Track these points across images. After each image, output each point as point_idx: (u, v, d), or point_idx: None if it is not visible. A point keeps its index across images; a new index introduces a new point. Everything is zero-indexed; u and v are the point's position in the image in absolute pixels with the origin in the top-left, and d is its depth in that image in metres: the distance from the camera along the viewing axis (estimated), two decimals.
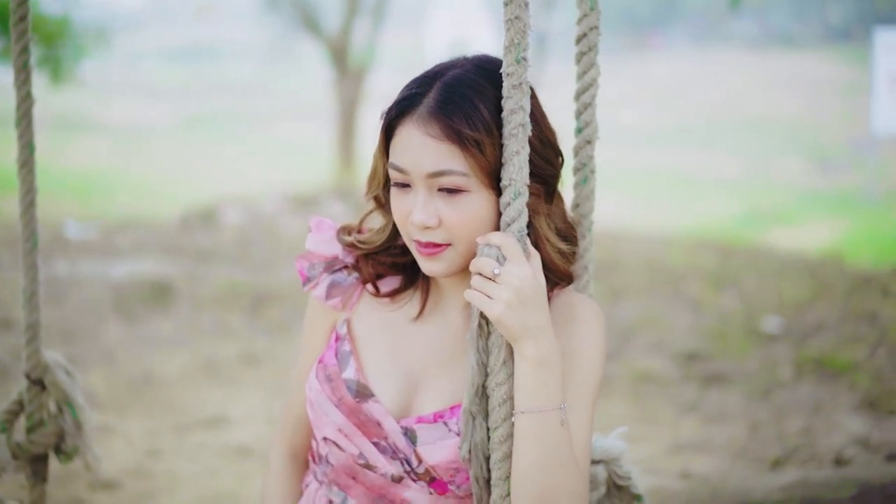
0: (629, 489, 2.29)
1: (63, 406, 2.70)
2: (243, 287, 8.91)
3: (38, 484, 2.76)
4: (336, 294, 2.17)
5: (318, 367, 2.13)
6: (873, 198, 16.05)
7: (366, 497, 2.11)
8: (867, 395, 6.10)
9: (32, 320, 2.67)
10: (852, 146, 20.48)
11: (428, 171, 1.91)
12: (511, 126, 1.89)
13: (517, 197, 1.90)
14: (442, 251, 1.96)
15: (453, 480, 2.03)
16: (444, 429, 2.02)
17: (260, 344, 7.41)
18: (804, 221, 14.20)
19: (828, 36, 36.53)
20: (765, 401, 6.17)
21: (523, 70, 1.89)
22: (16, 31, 2.63)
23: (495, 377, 1.93)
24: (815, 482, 3.68)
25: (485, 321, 1.94)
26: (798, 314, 8.22)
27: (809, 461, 5.02)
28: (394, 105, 1.98)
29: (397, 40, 26.80)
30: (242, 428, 5.84)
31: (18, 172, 2.67)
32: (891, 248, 11.88)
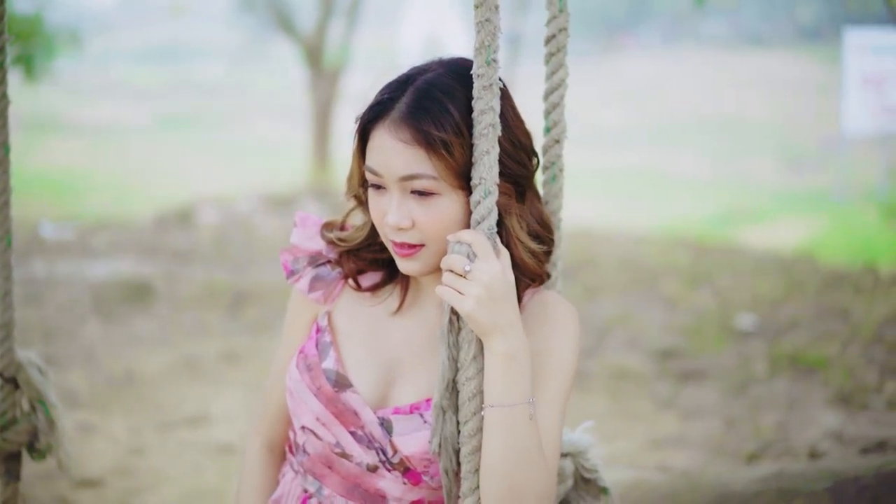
0: (596, 482, 2.34)
1: (36, 404, 2.71)
2: (222, 286, 8.93)
3: (10, 482, 2.76)
4: (319, 287, 2.23)
5: (298, 357, 2.18)
6: (843, 197, 16.18)
7: (341, 486, 2.15)
8: (840, 390, 6.19)
9: (5, 319, 2.68)
10: (822, 146, 20.62)
11: (399, 175, 1.96)
12: (481, 126, 1.93)
13: (487, 196, 1.94)
14: (417, 251, 2.01)
15: (427, 471, 2.09)
16: (419, 420, 2.07)
17: (240, 343, 7.45)
18: (775, 220, 14.31)
19: (797, 36, 36.75)
20: (740, 396, 6.26)
21: (493, 71, 1.93)
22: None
23: (465, 372, 1.98)
24: (791, 474, 3.75)
25: (455, 317, 1.98)
26: (772, 312, 8.32)
27: (784, 455, 5.11)
28: (367, 110, 2.03)
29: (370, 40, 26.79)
30: (224, 426, 5.88)
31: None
32: (861, 247, 12.01)
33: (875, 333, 7.42)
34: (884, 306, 8.34)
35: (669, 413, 6.00)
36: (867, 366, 6.67)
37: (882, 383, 6.25)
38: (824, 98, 23.39)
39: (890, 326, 7.63)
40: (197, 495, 5.02)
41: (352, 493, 2.15)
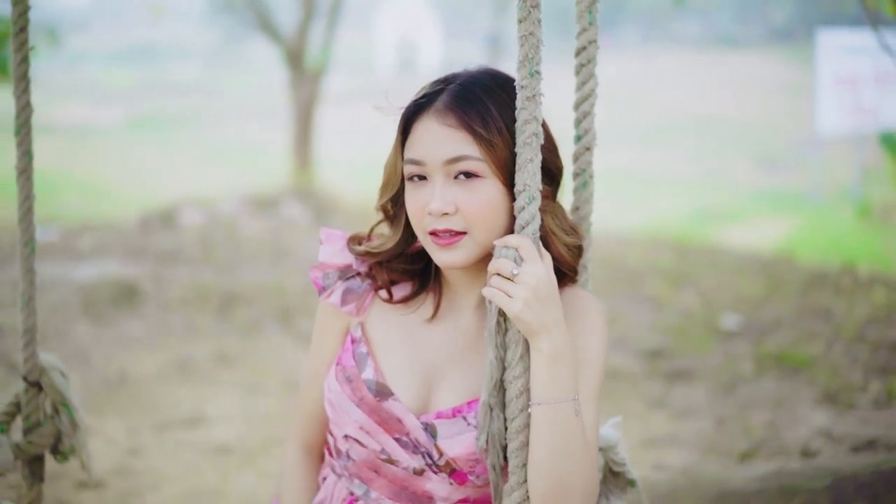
0: (624, 475, 2.44)
1: (59, 407, 2.77)
2: (210, 288, 8.96)
3: (35, 484, 2.83)
4: (351, 300, 2.29)
5: (336, 370, 2.26)
6: (818, 197, 16.33)
7: (388, 489, 2.23)
8: (826, 389, 6.29)
9: (30, 324, 2.75)
10: (796, 146, 20.77)
11: (446, 158, 2.06)
12: (525, 135, 2.03)
13: (531, 202, 2.03)
14: (459, 240, 2.08)
15: (473, 471, 2.16)
16: (462, 423, 2.15)
17: (232, 344, 7.49)
18: (751, 220, 14.44)
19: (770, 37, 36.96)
20: (729, 396, 6.35)
21: (536, 83, 2.03)
22: (16, 42, 2.73)
23: (512, 371, 2.06)
24: (790, 473, 3.84)
25: (503, 318, 2.06)
26: (755, 311, 8.43)
27: (777, 454, 5.20)
28: (410, 105, 2.15)
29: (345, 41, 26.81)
30: (221, 427, 5.93)
31: (17, 179, 2.76)
32: (837, 247, 12.14)
33: (858, 333, 7.53)
34: (864, 306, 8.45)
35: (661, 412, 6.09)
36: (851, 365, 6.77)
37: (867, 382, 6.35)
38: (797, 99, 23.58)
39: (872, 326, 7.75)
40: (197, 495, 5.06)
41: (399, 496, 2.22)
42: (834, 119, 16.35)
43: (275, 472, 5.33)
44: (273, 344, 7.57)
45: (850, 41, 16.75)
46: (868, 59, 16.01)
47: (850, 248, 12.04)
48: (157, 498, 5.02)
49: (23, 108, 2.75)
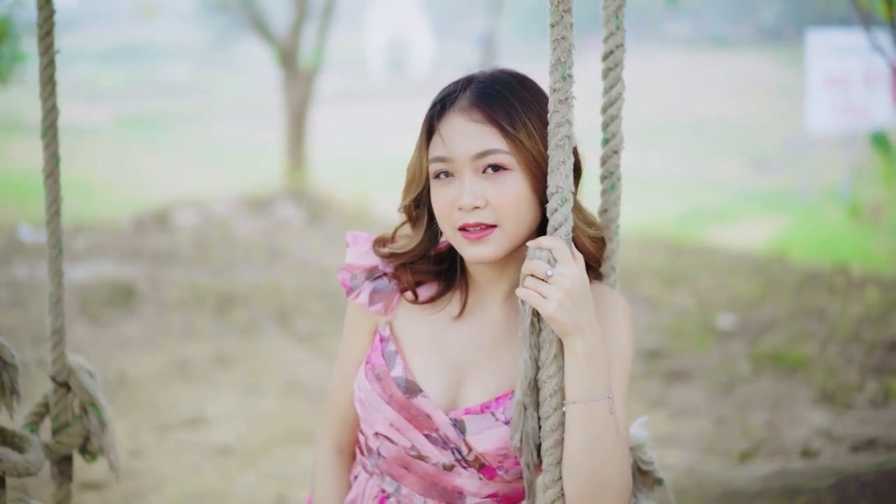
0: (653, 474, 2.47)
1: (88, 407, 2.80)
2: (206, 289, 8.97)
3: (64, 483, 2.83)
4: (378, 300, 2.31)
5: (366, 368, 2.28)
6: (808, 197, 16.37)
7: (418, 485, 2.26)
8: (823, 389, 6.33)
9: (58, 325, 2.76)
10: (786, 146, 20.82)
11: (474, 153, 2.10)
12: (557, 138, 2.05)
13: (563, 203, 2.06)
14: (490, 233, 2.11)
15: (502, 466, 2.19)
16: (491, 418, 2.18)
17: (230, 345, 7.50)
18: (742, 220, 14.48)
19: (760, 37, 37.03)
20: (727, 396, 6.38)
21: (569, 86, 2.05)
22: (42, 45, 2.75)
23: (546, 370, 2.08)
24: (793, 472, 3.87)
25: (536, 319, 2.08)
26: (750, 311, 8.46)
27: (776, 453, 5.24)
28: (434, 105, 2.18)
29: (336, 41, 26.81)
30: (222, 428, 5.94)
31: (45, 182, 2.77)
32: (828, 247, 12.19)
33: (852, 333, 7.58)
34: (858, 306, 8.50)
35: (660, 412, 6.12)
36: (847, 365, 6.81)
37: (863, 382, 6.40)
38: (788, 98, 23.64)
39: (866, 326, 7.79)
40: (199, 496, 5.08)
41: (430, 492, 2.25)
42: (824, 119, 16.39)
43: (276, 473, 5.35)
44: (271, 344, 7.59)
45: (839, 41, 16.80)
46: (858, 59, 16.07)
47: (841, 247, 12.08)
48: (160, 498, 5.04)
49: (49, 111, 2.76)
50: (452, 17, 42.51)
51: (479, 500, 2.25)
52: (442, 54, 36.32)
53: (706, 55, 35.12)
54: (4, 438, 2.64)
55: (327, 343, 7.62)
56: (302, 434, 5.85)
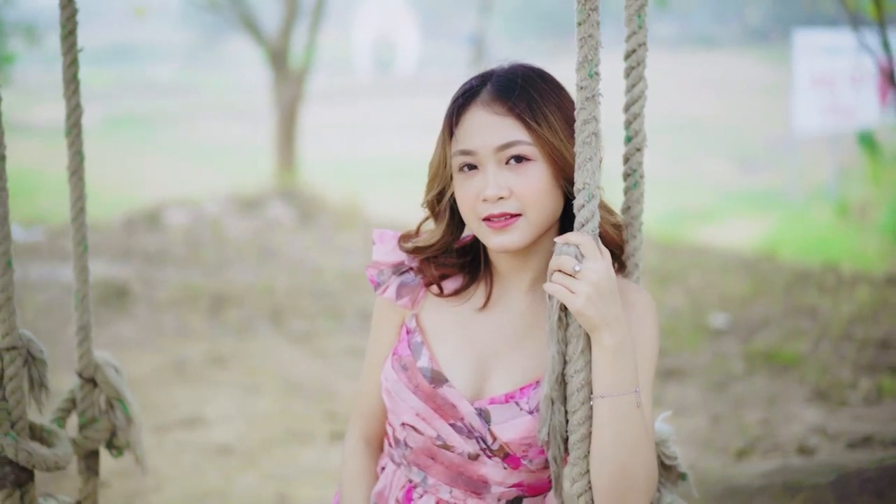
0: (676, 468, 2.49)
1: (114, 402, 2.84)
2: (199, 289, 8.98)
3: (91, 478, 2.90)
4: (405, 294, 2.36)
5: (392, 359, 2.33)
6: (796, 196, 16.44)
7: (444, 475, 2.30)
8: (817, 387, 6.38)
9: (84, 321, 2.82)
10: (773, 146, 20.88)
11: (497, 145, 2.15)
12: (584, 135, 2.09)
13: (590, 200, 2.09)
14: (514, 222, 2.16)
15: (526, 455, 2.23)
16: (515, 408, 2.22)
17: (225, 345, 7.52)
18: (729, 220, 14.54)
19: (747, 37, 37.12)
20: (721, 394, 6.42)
21: (595, 83, 2.09)
22: (65, 45, 2.78)
23: (574, 365, 2.11)
24: (794, 469, 3.90)
25: (564, 314, 2.11)
26: (742, 310, 8.51)
27: (773, 451, 5.28)
28: (455, 100, 2.23)
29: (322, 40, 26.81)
30: (221, 427, 5.96)
31: (69, 179, 2.82)
32: (816, 246, 12.26)
33: (844, 331, 7.63)
34: (849, 304, 8.55)
35: (656, 411, 6.14)
36: (840, 363, 6.86)
37: (856, 380, 6.45)
38: (774, 98, 23.68)
39: (857, 324, 7.84)
40: (200, 495, 5.10)
41: (455, 481, 2.29)
42: (811, 119, 16.46)
43: (276, 472, 5.37)
44: (266, 344, 7.60)
45: (826, 41, 16.86)
46: (845, 59, 16.13)
47: (830, 247, 12.14)
48: (161, 498, 5.06)
49: (73, 110, 2.81)
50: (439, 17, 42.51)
51: (503, 490, 2.29)
52: (429, 54, 36.33)
53: (693, 55, 35.16)
54: (33, 433, 2.68)
55: (322, 343, 7.65)
56: (301, 434, 5.87)
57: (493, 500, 2.30)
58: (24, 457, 2.55)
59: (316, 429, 5.96)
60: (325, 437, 5.84)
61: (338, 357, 7.35)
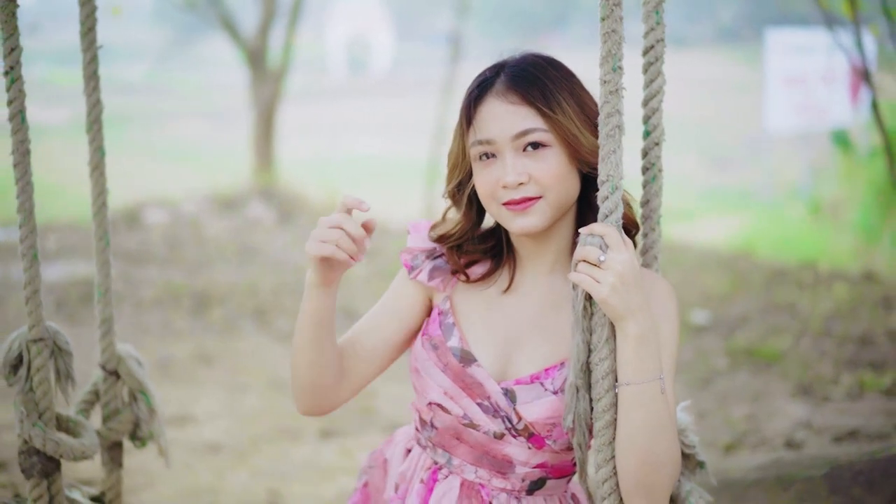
0: (695, 457, 2.53)
1: (137, 394, 2.88)
2: (182, 288, 8.98)
3: (114, 469, 2.97)
4: (437, 276, 2.42)
5: (423, 339, 2.39)
6: (769, 195, 16.55)
7: (470, 455, 2.34)
8: (800, 382, 6.44)
9: (107, 314, 2.88)
10: (746, 144, 21.01)
11: (514, 133, 2.23)
12: (608, 128, 2.16)
13: (614, 191, 2.16)
14: (534, 203, 2.23)
15: (550, 435, 2.28)
16: (540, 388, 2.28)
17: (210, 344, 7.52)
18: (704, 218, 14.63)
19: (719, 36, 37.32)
20: (705, 390, 6.48)
21: (619, 77, 2.16)
22: (85, 41, 2.81)
23: (599, 353, 2.15)
24: (787, 462, 3.95)
25: (589, 303, 2.16)
26: (722, 307, 8.58)
27: (760, 445, 5.33)
28: (470, 92, 2.31)
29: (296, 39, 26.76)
30: (209, 426, 5.97)
31: (91, 175, 2.86)
32: (789, 244, 12.37)
33: (823, 328, 7.71)
34: (827, 301, 8.64)
35: None
36: (821, 359, 6.93)
37: (838, 375, 6.52)
38: (747, 97, 23.80)
39: (836, 321, 7.93)
40: (193, 493, 5.10)
41: (480, 461, 2.34)
42: (783, 118, 16.58)
43: (267, 470, 5.39)
44: (252, 343, 7.62)
45: (798, 41, 16.98)
46: (816, 59, 16.25)
47: (804, 245, 12.25)
48: (153, 496, 5.06)
49: (94, 106, 2.84)
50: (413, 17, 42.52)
51: (528, 470, 2.33)
52: (402, 54, 36.33)
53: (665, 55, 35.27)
54: (59, 424, 2.72)
55: None
56: (290, 431, 5.89)
57: (518, 481, 2.34)
58: (51, 447, 2.60)
59: (305, 427, 5.97)
60: (315, 435, 5.86)
61: None
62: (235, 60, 15.39)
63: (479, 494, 2.35)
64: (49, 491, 2.63)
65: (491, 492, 2.35)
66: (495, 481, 2.34)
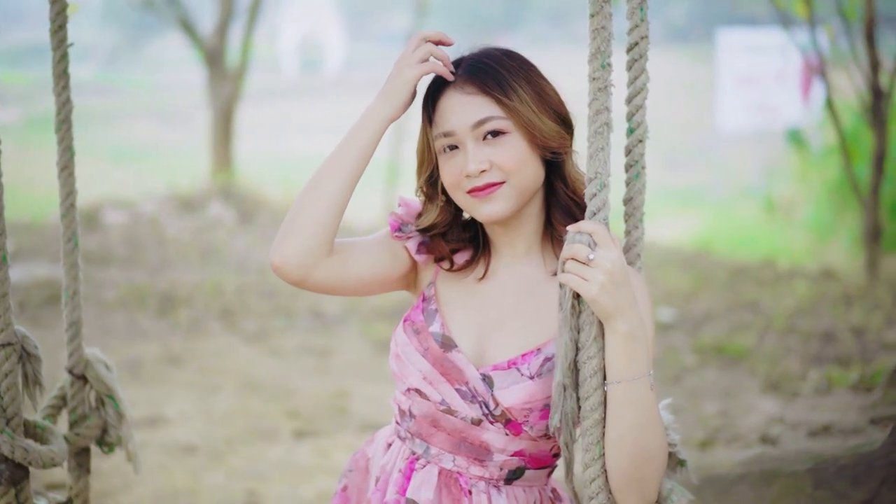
0: (676, 455, 2.53)
1: (105, 399, 2.81)
2: (146, 289, 8.92)
3: (82, 476, 2.88)
4: (424, 252, 2.43)
5: (404, 325, 2.39)
6: (722, 194, 16.69)
7: (447, 442, 2.33)
8: (767, 378, 6.51)
9: (75, 317, 2.82)
10: (699, 144, 21.18)
11: (473, 122, 2.26)
12: (596, 125, 2.14)
13: (602, 189, 2.13)
14: (498, 188, 2.25)
15: (527, 421, 2.27)
16: (516, 374, 2.27)
17: (177, 345, 7.48)
18: (659, 217, 14.70)
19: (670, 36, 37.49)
20: (676, 386, 6.52)
21: (608, 74, 2.13)
22: (55, 39, 2.75)
23: (587, 351, 2.12)
24: (772, 457, 3.98)
25: (577, 301, 2.13)
26: (686, 304, 8.65)
27: (734, 441, 5.37)
28: (430, 86, 2.35)
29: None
30: (182, 427, 5.94)
31: (59, 175, 2.78)
32: (744, 242, 12.50)
33: (787, 324, 7.80)
34: (788, 298, 8.75)
35: None
36: (787, 355, 7.01)
37: (805, 371, 6.60)
38: (698, 97, 23.99)
39: (799, 318, 8.03)
40: (170, 494, 5.07)
41: (458, 449, 2.33)
42: (735, 117, 16.75)
43: (244, 470, 5.37)
44: (219, 344, 7.58)
45: (749, 40, 17.16)
46: (768, 58, 16.42)
47: (758, 243, 12.39)
48: (130, 498, 5.02)
49: (63, 105, 2.78)
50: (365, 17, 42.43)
51: (505, 458, 2.32)
52: (355, 54, 36.24)
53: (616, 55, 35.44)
54: (27, 430, 2.64)
55: (277, 341, 7.66)
56: (265, 432, 5.87)
57: (496, 469, 2.33)
58: (20, 454, 2.53)
59: (279, 427, 5.96)
60: (290, 435, 5.84)
61: (294, 355, 7.36)
62: (187, 61, 15.33)
63: (458, 483, 2.34)
64: (17, 499, 2.57)
65: (469, 480, 2.33)
66: (473, 469, 2.33)
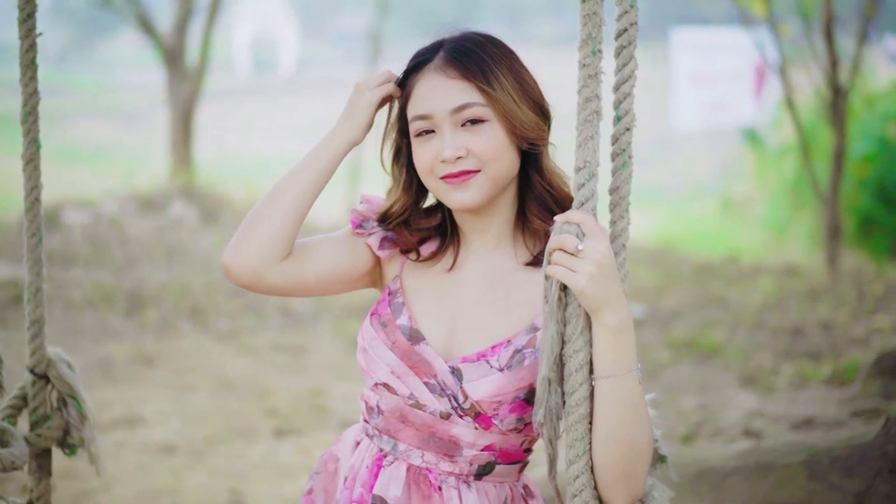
0: (657, 451, 2.49)
1: (67, 399, 2.71)
2: (113, 289, 8.82)
3: (43, 478, 2.78)
4: (387, 247, 2.38)
5: (371, 319, 2.35)
6: (679, 193, 16.77)
7: (416, 438, 2.28)
8: (742, 373, 6.56)
9: (37, 315, 2.71)
10: (654, 143, 21.30)
11: (452, 107, 2.22)
12: (586, 113, 2.06)
13: (591, 178, 2.06)
14: (472, 177, 2.21)
15: (497, 414, 2.21)
16: (486, 366, 2.22)
17: (148, 344, 7.41)
18: None
19: None
20: (652, 382, 6.52)
21: (598, 61, 2.06)
22: (23, 28, 2.66)
23: (573, 345, 2.04)
24: (766, 449, 3.99)
25: (564, 293, 2.05)
26: (655, 300, 8.69)
27: (716, 435, 5.39)
28: (409, 65, 2.31)
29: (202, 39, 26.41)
30: (159, 427, 5.88)
31: (24, 168, 2.67)
32: (703, 240, 12.59)
33: (756, 320, 7.87)
34: (755, 294, 8.82)
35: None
36: (758, 350, 7.07)
37: (778, 366, 6.65)
38: (653, 96, 24.04)
39: (767, 313, 8.10)
40: (152, 495, 5.03)
41: (427, 444, 2.27)
42: (690, 116, 16.85)
43: (226, 469, 5.33)
44: (190, 343, 7.52)
45: (703, 39, 17.29)
46: (721, 57, 16.56)
47: (715, 241, 12.48)
48: (110, 498, 4.97)
49: (30, 96, 2.66)
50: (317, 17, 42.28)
51: (475, 453, 2.26)
52: (308, 53, 36.12)
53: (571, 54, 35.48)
54: None
55: (249, 340, 7.61)
56: (243, 431, 5.83)
57: (465, 465, 2.27)
58: None
59: (258, 425, 5.92)
60: (269, 433, 5.81)
61: (267, 353, 7.31)
62: (139, 60, 15.17)
63: (427, 479, 2.28)
64: None
65: (439, 476, 2.28)
66: (442, 465, 2.28)
